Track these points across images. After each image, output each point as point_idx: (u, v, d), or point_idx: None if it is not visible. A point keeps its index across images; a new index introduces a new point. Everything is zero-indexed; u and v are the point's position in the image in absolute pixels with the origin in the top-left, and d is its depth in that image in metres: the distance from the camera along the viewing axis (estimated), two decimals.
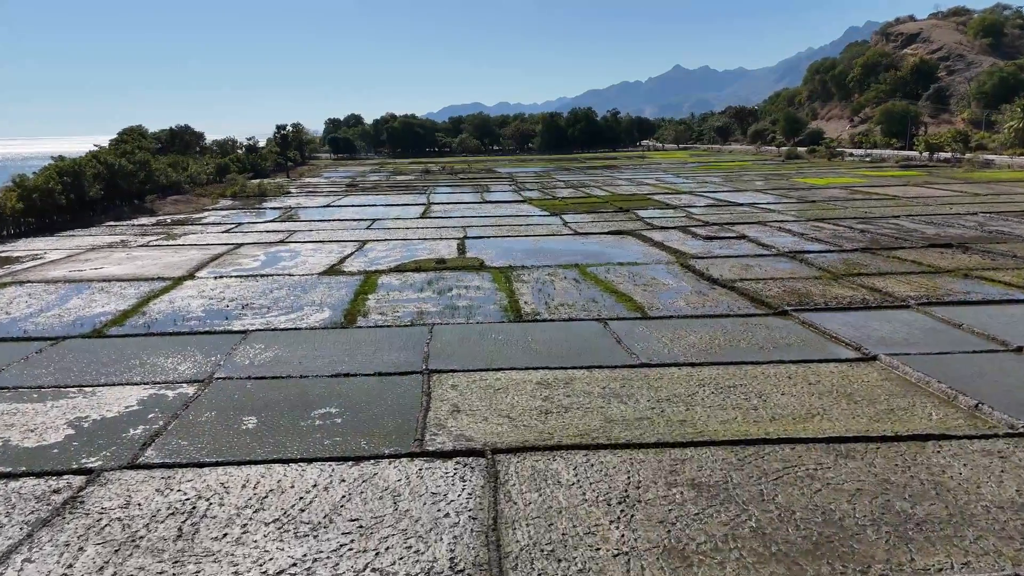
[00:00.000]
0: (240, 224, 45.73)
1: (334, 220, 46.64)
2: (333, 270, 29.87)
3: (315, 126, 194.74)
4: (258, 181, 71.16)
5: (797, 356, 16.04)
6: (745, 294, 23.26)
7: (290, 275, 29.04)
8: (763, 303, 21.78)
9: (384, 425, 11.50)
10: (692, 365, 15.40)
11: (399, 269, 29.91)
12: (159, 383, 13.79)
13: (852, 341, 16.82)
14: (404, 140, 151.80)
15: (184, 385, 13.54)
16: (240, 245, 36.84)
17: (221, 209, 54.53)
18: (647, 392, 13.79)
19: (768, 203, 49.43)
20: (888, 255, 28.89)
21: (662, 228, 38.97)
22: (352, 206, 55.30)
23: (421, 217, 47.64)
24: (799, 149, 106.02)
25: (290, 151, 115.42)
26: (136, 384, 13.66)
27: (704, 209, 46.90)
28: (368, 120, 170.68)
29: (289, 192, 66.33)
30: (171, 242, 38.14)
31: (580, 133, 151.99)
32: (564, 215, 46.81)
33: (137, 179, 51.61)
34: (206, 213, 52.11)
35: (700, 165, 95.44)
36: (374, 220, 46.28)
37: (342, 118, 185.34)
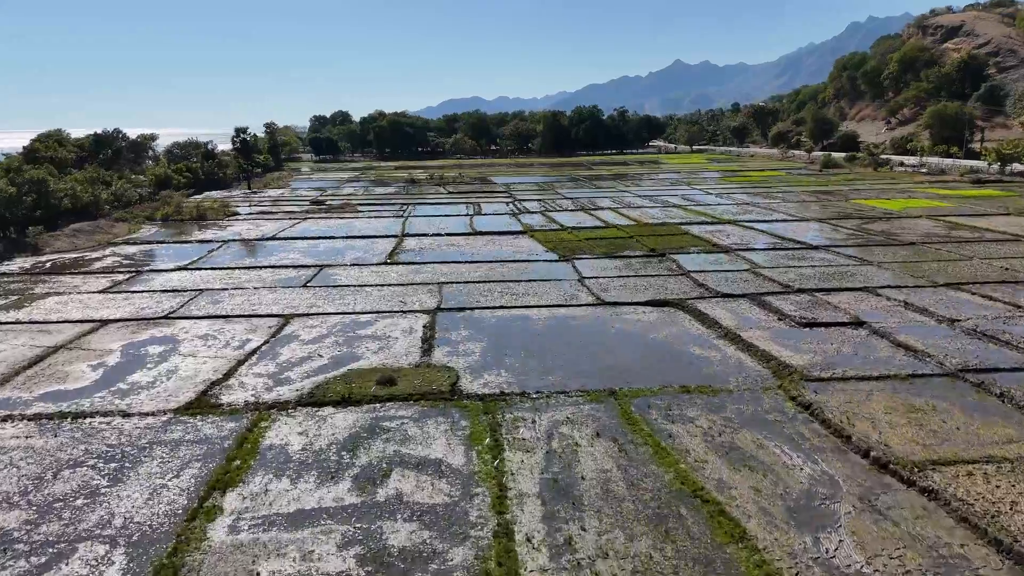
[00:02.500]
0: (138, 273, 33.59)
1: (267, 267, 34.50)
2: (203, 402, 17.84)
3: (306, 122, 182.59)
4: (202, 197, 59.05)
5: None
6: (972, 522, 11.39)
7: (124, 415, 17.13)
8: None
9: None
10: None
11: (314, 400, 17.88)
12: None
13: None
14: (393, 140, 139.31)
15: None
16: (103, 324, 24.78)
17: (132, 243, 42.38)
18: None
19: (848, 244, 37.38)
20: None
21: (724, 296, 26.85)
22: (304, 239, 43.15)
23: (387, 262, 35.52)
24: (834, 155, 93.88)
25: (262, 155, 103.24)
26: None
27: (767, 256, 34.77)
28: (359, 116, 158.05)
29: (236, 214, 54.22)
30: (5, 315, 26.02)
31: (584, 133, 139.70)
32: (578, 259, 34.79)
33: (22, 206, 39.40)
34: (108, 251, 39.97)
35: (726, 175, 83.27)
36: (321, 268, 34.15)
37: (328, 115, 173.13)
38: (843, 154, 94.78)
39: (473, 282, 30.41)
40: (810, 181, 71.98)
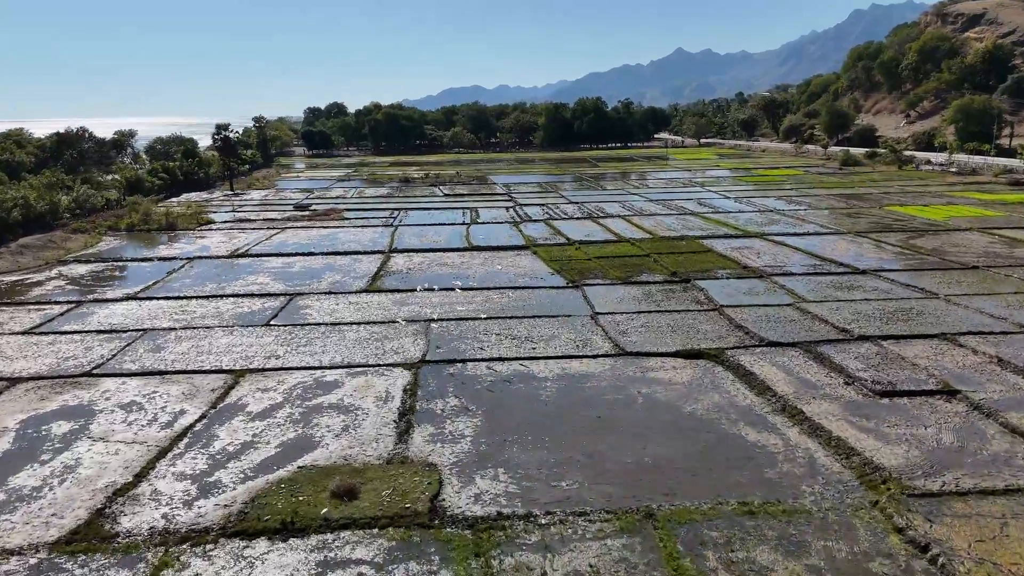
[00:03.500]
0: (78, 304, 28.90)
1: (229, 296, 29.80)
2: (94, 530, 13.37)
3: (302, 113, 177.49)
4: (180, 200, 54.43)
5: None
6: None
7: None
8: None
9: None
10: None
11: (245, 526, 13.28)
12: None
13: None
14: (389, 134, 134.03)
15: None
16: (10, 384, 20.17)
17: (84, 261, 37.65)
18: None
19: (900, 268, 32.69)
20: None
21: (770, 344, 22.16)
22: (279, 255, 38.40)
23: (369, 288, 30.81)
24: (853, 151, 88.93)
25: (250, 150, 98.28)
26: None
27: (810, 283, 30.08)
28: (360, 106, 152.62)
29: (210, 222, 49.43)
30: None
31: (588, 127, 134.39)
32: (588, 285, 30.15)
33: None
34: (55, 271, 35.29)
35: (741, 174, 78.31)
36: (292, 297, 29.45)
37: (323, 107, 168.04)
38: (862, 150, 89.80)
39: (467, 319, 25.75)
40: (832, 182, 67.06)
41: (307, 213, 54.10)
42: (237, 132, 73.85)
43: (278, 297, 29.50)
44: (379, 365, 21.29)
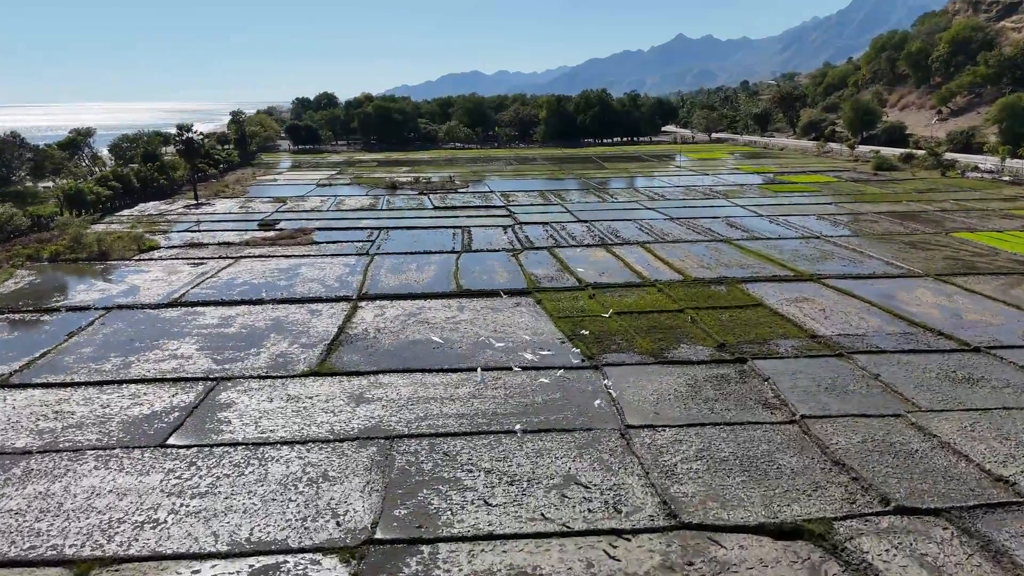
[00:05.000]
0: None
1: (128, 383, 22.26)
2: None
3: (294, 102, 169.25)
4: (131, 214, 46.69)
5: None
6: None
7: None
8: None
9: None
10: None
11: None
12: None
13: None
14: (380, 128, 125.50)
15: None
16: None
17: None
18: None
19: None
20: None
21: (902, 511, 14.64)
22: (220, 304, 30.82)
23: (318, 369, 23.30)
24: (884, 152, 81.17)
25: (227, 148, 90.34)
26: None
27: (912, 371, 22.70)
28: (356, 93, 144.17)
29: (153, 248, 41.73)
30: None
31: (592, 121, 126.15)
32: (611, 364, 22.79)
33: None
34: None
35: (765, 181, 70.45)
36: (213, 386, 21.92)
37: (312, 97, 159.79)
38: (894, 151, 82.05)
39: (444, 435, 18.34)
40: (873, 193, 59.33)
41: (272, 233, 46.35)
42: (200, 134, 65.53)
43: (196, 385, 21.95)
44: (302, 550, 13.77)
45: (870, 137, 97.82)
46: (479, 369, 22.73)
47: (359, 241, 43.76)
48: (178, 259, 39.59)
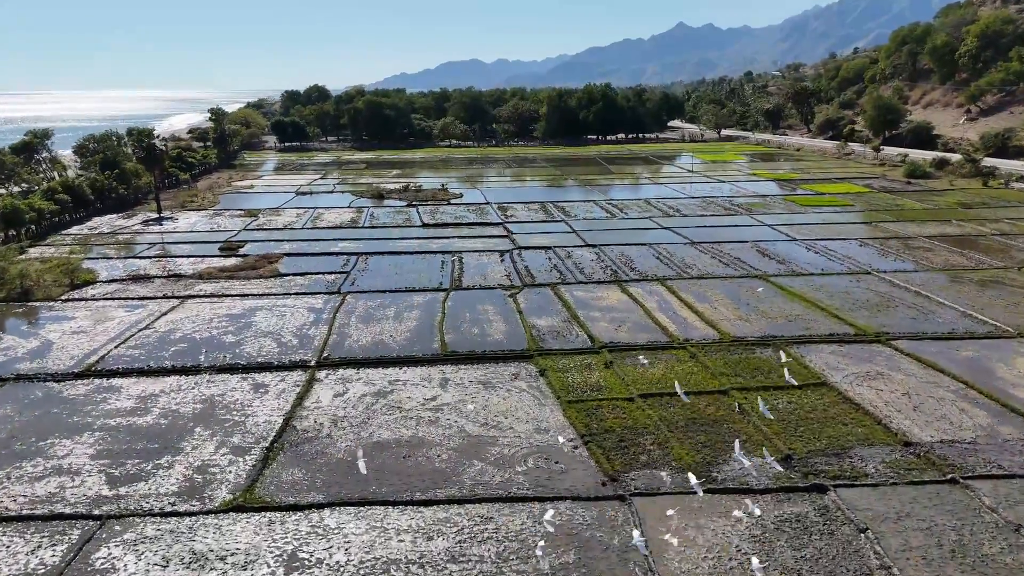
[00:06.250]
0: None
1: None
2: None
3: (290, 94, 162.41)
4: (84, 228, 40.43)
5: None
6: None
7: None
8: None
9: None
10: None
11: None
12: None
13: None
14: (371, 124, 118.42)
15: None
16: None
17: None
18: None
19: None
20: None
21: None
22: (146, 374, 24.77)
23: (243, 499, 17.38)
24: (913, 155, 74.99)
25: (204, 147, 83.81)
26: None
27: None
28: (349, 86, 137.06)
29: (89, 282, 35.57)
30: None
31: (595, 117, 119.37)
32: (637, 491, 17.14)
33: None
34: None
35: (789, 191, 64.21)
36: (98, 531, 15.79)
37: (302, 90, 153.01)
38: (925, 155, 75.79)
39: None
40: (915, 209, 53.08)
41: (232, 261, 40.10)
42: (165, 140, 58.98)
43: (70, 530, 15.84)
44: None
45: (893, 137, 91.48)
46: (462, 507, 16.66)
47: (331, 273, 37.54)
48: (114, 299, 33.39)
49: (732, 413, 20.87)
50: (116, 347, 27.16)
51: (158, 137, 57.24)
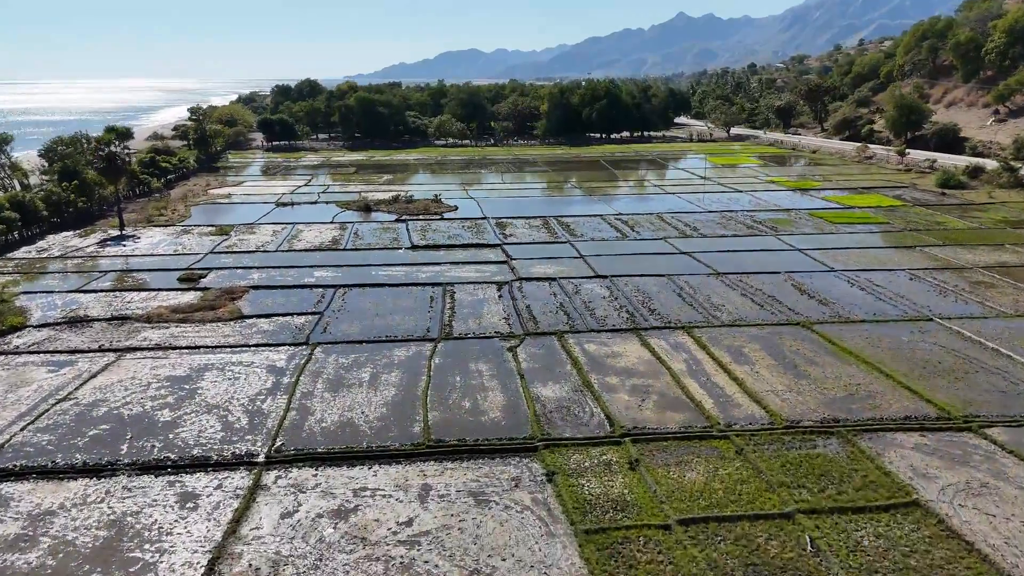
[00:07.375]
0: None
1: None
2: None
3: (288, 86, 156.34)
4: (32, 249, 35.62)
5: None
6: None
7: None
8: None
9: None
10: None
11: None
12: None
13: None
14: (363, 122, 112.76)
15: None
16: None
17: None
18: None
19: None
20: None
21: None
22: (50, 476, 19.67)
23: None
24: (942, 161, 69.73)
25: (182, 146, 78.25)
26: None
27: None
28: (346, 76, 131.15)
29: (16, 327, 30.38)
30: None
31: (598, 115, 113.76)
32: None
33: None
34: None
35: (813, 204, 58.95)
36: None
37: (293, 85, 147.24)
38: (956, 160, 70.51)
39: None
40: (959, 229, 47.84)
41: (189, 298, 34.84)
42: (128, 149, 53.52)
43: None
44: None
45: (916, 138, 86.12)
46: None
47: (302, 314, 32.31)
48: (39, 353, 28.17)
49: (802, 556, 15.73)
50: (23, 428, 22.02)
51: (119, 146, 51.49)
